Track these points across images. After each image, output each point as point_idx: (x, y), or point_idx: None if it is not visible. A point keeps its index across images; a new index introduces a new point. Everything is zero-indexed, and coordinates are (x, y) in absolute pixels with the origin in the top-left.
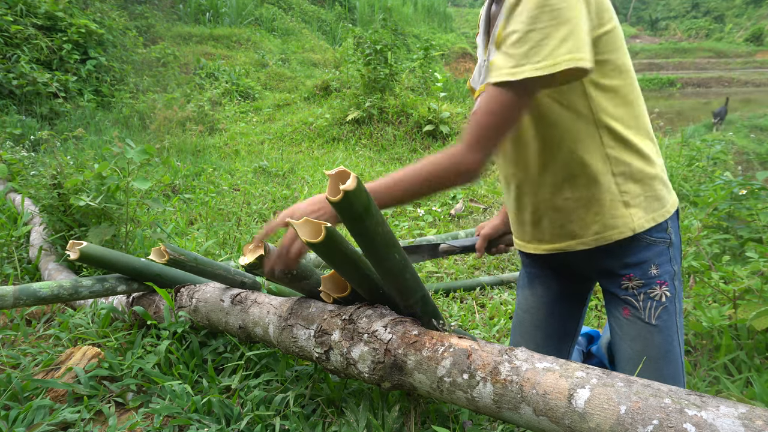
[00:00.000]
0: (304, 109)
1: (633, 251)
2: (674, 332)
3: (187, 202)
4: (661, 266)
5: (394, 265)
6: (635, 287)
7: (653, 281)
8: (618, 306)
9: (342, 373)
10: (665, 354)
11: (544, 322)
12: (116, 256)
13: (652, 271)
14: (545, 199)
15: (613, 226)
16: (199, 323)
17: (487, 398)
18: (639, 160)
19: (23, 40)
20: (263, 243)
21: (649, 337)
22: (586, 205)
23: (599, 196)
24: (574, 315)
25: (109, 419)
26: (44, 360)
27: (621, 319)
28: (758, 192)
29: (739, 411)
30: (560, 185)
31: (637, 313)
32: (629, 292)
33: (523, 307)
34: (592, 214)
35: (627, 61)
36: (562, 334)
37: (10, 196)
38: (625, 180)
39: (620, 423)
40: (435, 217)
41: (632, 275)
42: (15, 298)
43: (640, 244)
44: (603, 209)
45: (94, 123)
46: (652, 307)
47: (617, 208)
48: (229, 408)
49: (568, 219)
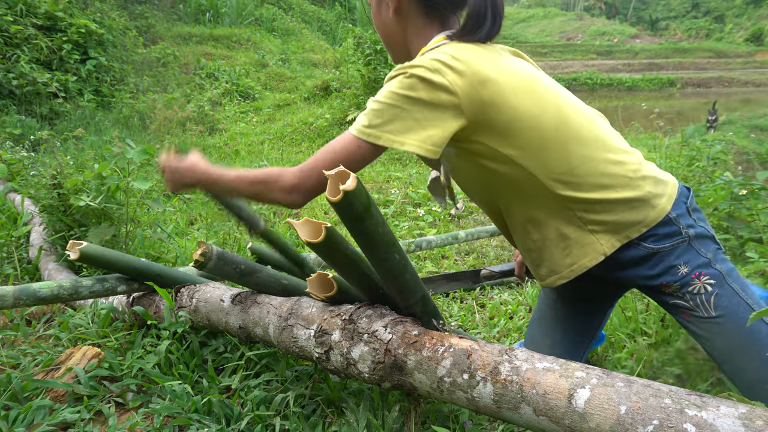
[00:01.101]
0: (305, 110)
1: (653, 263)
2: (745, 311)
3: (188, 202)
4: (690, 263)
5: (394, 265)
6: (676, 290)
7: (688, 278)
8: (677, 314)
9: (342, 373)
10: (751, 336)
11: (564, 320)
12: (116, 256)
13: (681, 271)
14: (519, 243)
15: (583, 255)
16: (199, 323)
17: (487, 398)
18: (600, 192)
19: (23, 40)
20: (206, 244)
21: (722, 330)
22: (554, 241)
23: (564, 231)
24: (597, 316)
25: (109, 419)
26: (44, 360)
27: (689, 325)
28: (758, 192)
29: (739, 411)
30: (525, 229)
31: (695, 313)
32: (676, 296)
33: (545, 302)
34: (560, 248)
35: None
36: (581, 334)
37: (10, 196)
38: (588, 213)
39: (620, 423)
40: (435, 217)
41: (665, 282)
42: (15, 298)
43: (660, 255)
44: (570, 242)
45: (94, 123)
46: (702, 301)
47: (584, 237)
48: (229, 408)
49: (542, 257)
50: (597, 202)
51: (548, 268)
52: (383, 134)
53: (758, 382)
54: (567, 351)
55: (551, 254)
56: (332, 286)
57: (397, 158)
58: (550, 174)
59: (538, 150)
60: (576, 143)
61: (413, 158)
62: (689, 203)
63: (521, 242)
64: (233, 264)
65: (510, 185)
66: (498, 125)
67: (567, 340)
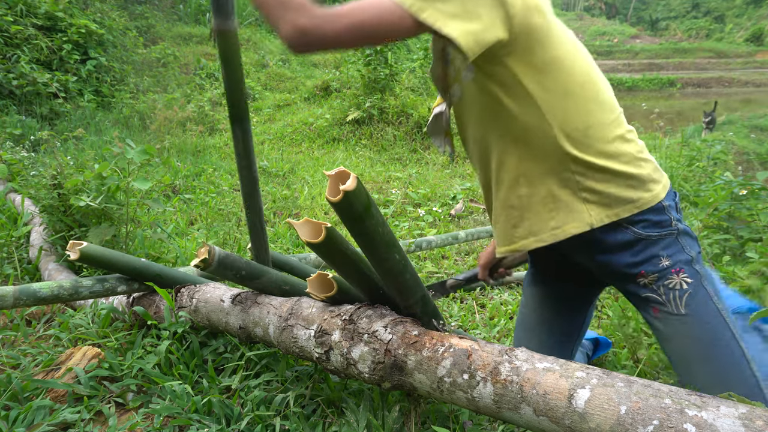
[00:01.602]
0: (304, 110)
1: (635, 250)
2: (714, 316)
3: (188, 202)
4: (673, 256)
5: (394, 265)
6: (652, 282)
7: (668, 271)
8: (646, 308)
9: (342, 373)
10: (713, 341)
11: (548, 321)
12: (116, 256)
13: (663, 263)
14: (503, 199)
15: (571, 221)
16: (199, 323)
17: (488, 398)
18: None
19: (23, 40)
20: (208, 246)
21: (687, 330)
22: (542, 201)
23: (555, 193)
24: (579, 315)
25: (109, 419)
26: (44, 360)
27: (654, 320)
28: (758, 192)
29: (739, 411)
30: (516, 182)
31: (665, 308)
32: (648, 288)
33: (528, 305)
34: (547, 210)
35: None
36: (566, 334)
37: (10, 196)
38: (586, 178)
39: (620, 423)
40: (435, 217)
41: (644, 271)
42: (15, 298)
43: (646, 241)
44: (560, 205)
45: (94, 123)
46: (675, 296)
47: (574, 204)
48: (230, 408)
49: (524, 217)
50: (599, 169)
51: (528, 229)
52: (430, 8)
53: (708, 387)
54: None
55: (535, 214)
56: (332, 286)
57: (397, 158)
58: (564, 126)
59: (562, 98)
60: (596, 106)
61: (413, 158)
62: (677, 201)
63: (504, 198)
64: (234, 269)
65: (516, 130)
66: (535, 58)
67: (552, 341)
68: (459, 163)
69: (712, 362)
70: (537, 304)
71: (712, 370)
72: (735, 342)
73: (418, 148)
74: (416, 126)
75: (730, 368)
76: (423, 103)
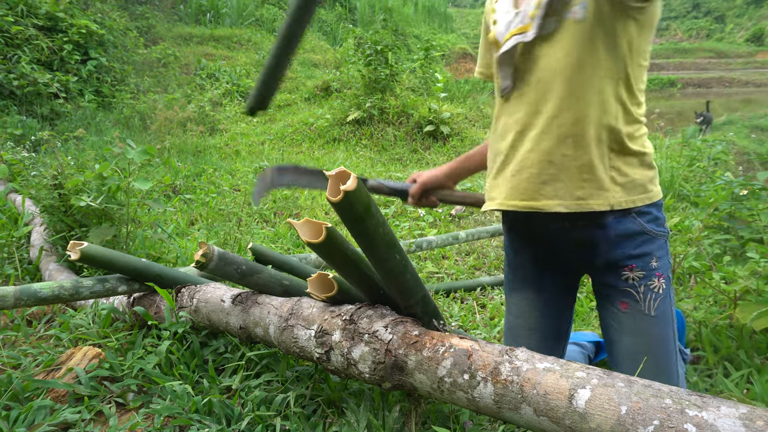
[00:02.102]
0: (305, 110)
1: (640, 243)
2: (669, 322)
3: (188, 202)
4: (661, 259)
5: (394, 265)
6: (636, 278)
7: (653, 273)
8: (615, 300)
9: (343, 373)
10: (663, 344)
11: (537, 325)
12: (117, 256)
13: (653, 264)
14: (544, 150)
15: (597, 196)
16: (199, 323)
17: (488, 398)
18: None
19: (24, 40)
20: (207, 245)
21: (648, 329)
22: (580, 167)
23: (595, 163)
24: (565, 313)
25: (109, 420)
26: (45, 360)
27: (619, 314)
28: (759, 192)
29: (740, 411)
30: (566, 139)
31: (636, 306)
32: (629, 284)
33: (514, 313)
34: (581, 179)
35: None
36: (556, 335)
37: (11, 196)
38: (618, 158)
39: (621, 423)
40: (435, 217)
41: (634, 266)
42: (16, 298)
43: (647, 236)
44: (594, 177)
45: (94, 123)
46: (651, 298)
47: (604, 181)
48: (230, 408)
49: (557, 177)
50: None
51: (556, 190)
52: None
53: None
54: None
55: (569, 178)
56: (332, 286)
57: (398, 158)
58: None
59: (638, 66)
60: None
61: (414, 158)
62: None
63: (547, 150)
64: (234, 264)
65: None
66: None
67: (544, 346)
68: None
69: (659, 359)
70: (521, 310)
71: (657, 365)
72: (674, 346)
73: (419, 148)
74: (417, 126)
75: (671, 364)
76: (423, 103)
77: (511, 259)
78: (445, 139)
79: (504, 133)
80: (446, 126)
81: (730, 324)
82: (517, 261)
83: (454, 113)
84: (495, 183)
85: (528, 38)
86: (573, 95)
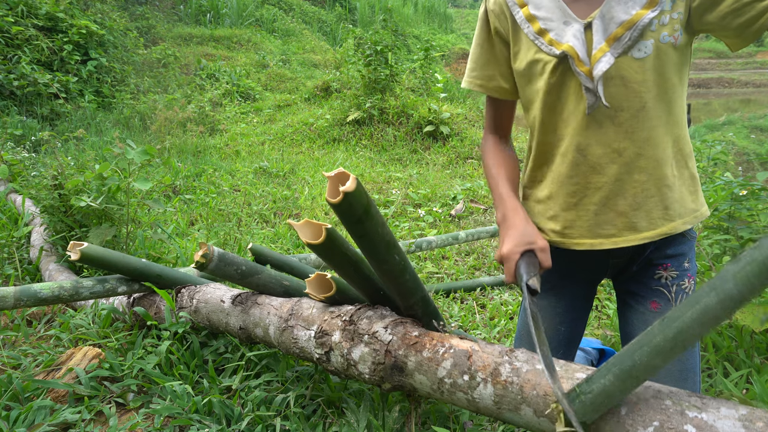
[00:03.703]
0: (305, 110)
1: (676, 243)
2: None
3: (188, 202)
4: (692, 261)
5: (394, 266)
6: (669, 278)
7: (685, 274)
8: (645, 300)
9: (342, 373)
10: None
11: (554, 331)
12: (117, 256)
13: (685, 264)
14: (659, 177)
15: (703, 204)
16: (199, 324)
17: (488, 399)
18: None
19: (24, 41)
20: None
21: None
22: (686, 182)
23: (694, 174)
24: (582, 319)
25: (109, 420)
26: (45, 361)
27: (647, 314)
28: (758, 192)
29: (739, 412)
30: (670, 162)
31: (668, 306)
32: (662, 283)
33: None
34: (689, 192)
35: None
36: (569, 340)
37: (11, 196)
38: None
39: (621, 424)
40: (435, 217)
41: (669, 265)
42: (16, 299)
43: (684, 237)
44: (697, 187)
45: (94, 124)
46: (682, 299)
47: (700, 187)
48: (230, 408)
49: (674, 198)
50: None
51: (677, 210)
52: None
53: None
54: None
55: (682, 195)
56: (331, 286)
57: (398, 159)
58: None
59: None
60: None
61: (414, 159)
62: None
63: (662, 176)
64: (234, 265)
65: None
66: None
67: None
68: (459, 164)
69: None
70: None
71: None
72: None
73: (419, 148)
74: (416, 126)
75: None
76: (423, 103)
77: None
78: (445, 140)
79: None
80: (446, 126)
81: (730, 324)
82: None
83: (453, 113)
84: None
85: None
86: (663, 122)
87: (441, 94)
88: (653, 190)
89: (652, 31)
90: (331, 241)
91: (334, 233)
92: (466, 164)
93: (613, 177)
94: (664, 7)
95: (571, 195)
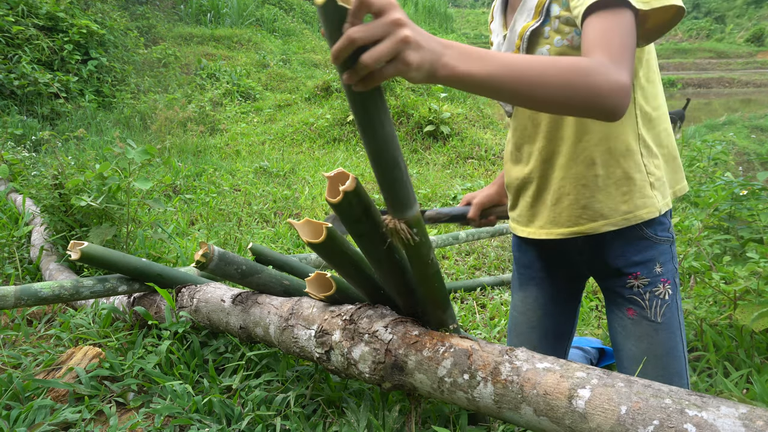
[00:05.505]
0: (305, 110)
1: (642, 249)
2: (677, 328)
3: (188, 202)
4: (665, 265)
5: (393, 266)
6: (641, 286)
7: (658, 279)
8: (621, 306)
9: (343, 373)
10: (670, 350)
11: (540, 323)
12: (117, 256)
13: (656, 270)
14: (575, 176)
15: (642, 206)
16: (200, 323)
17: (488, 398)
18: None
19: (24, 40)
20: (207, 245)
21: (654, 336)
22: (616, 183)
23: (631, 175)
24: (569, 314)
25: (110, 419)
26: (45, 360)
27: (625, 320)
28: (759, 192)
29: (739, 411)
30: (594, 160)
31: (642, 313)
32: (635, 291)
33: (518, 309)
34: (621, 193)
35: None
36: (558, 334)
37: (12, 196)
38: (650, 160)
39: (621, 423)
40: None
41: (638, 273)
42: (16, 298)
43: (647, 242)
44: (633, 188)
45: (95, 123)
46: (657, 305)
47: (645, 188)
48: (230, 408)
49: (595, 198)
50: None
51: (598, 211)
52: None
53: None
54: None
55: (608, 196)
56: (331, 285)
57: None
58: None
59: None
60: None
61: (414, 158)
62: None
63: (578, 175)
64: (235, 264)
65: None
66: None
67: (545, 344)
68: (459, 164)
69: (666, 365)
70: (526, 307)
71: (663, 373)
72: (684, 351)
73: (419, 148)
74: (417, 126)
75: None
76: (424, 103)
77: (518, 258)
78: (445, 139)
79: (528, 158)
80: (446, 126)
81: (730, 324)
82: (524, 260)
83: (454, 113)
84: (528, 212)
85: None
86: (589, 120)
87: (441, 93)
88: (568, 188)
89: (546, 38)
90: (331, 240)
91: (335, 233)
92: (467, 164)
93: (538, 173)
94: (552, 13)
95: (520, 184)
